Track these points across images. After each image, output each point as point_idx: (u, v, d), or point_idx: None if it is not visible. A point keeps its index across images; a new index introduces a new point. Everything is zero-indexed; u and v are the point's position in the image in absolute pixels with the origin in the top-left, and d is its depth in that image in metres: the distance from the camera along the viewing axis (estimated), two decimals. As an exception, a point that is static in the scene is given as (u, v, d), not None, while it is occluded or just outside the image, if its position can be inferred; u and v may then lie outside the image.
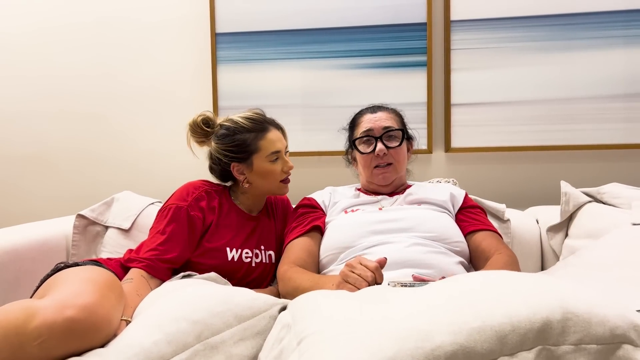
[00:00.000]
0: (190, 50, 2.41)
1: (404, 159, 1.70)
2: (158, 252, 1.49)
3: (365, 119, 1.69)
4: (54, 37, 2.48)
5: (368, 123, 1.66)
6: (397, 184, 1.70)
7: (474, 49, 2.23)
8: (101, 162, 2.48)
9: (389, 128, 1.64)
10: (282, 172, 1.65)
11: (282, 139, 1.67)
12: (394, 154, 1.64)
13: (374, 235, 1.48)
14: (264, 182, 1.66)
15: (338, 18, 2.29)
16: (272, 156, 1.62)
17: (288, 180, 1.70)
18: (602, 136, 2.17)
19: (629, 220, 1.57)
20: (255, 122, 1.64)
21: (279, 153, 1.64)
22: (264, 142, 1.62)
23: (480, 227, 1.57)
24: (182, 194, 1.61)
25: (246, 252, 1.63)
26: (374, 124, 1.65)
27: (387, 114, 1.69)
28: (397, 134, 1.65)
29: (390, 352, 0.70)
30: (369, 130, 1.65)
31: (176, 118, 2.42)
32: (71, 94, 2.48)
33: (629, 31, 2.14)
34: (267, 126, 1.65)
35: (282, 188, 1.69)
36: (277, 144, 1.64)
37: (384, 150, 1.61)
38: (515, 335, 0.72)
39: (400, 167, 1.67)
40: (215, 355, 1.05)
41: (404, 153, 1.69)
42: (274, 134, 1.65)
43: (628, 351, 0.72)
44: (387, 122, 1.66)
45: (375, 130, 1.64)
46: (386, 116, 1.68)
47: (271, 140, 1.63)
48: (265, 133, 1.63)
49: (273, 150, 1.62)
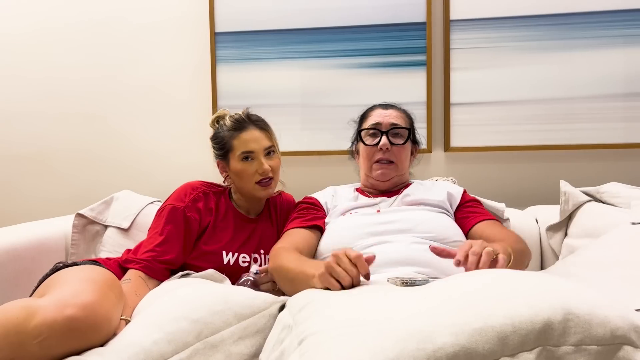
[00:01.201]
0: (189, 49, 2.40)
1: (406, 159, 1.70)
2: (156, 254, 1.49)
3: (375, 113, 1.71)
4: (53, 37, 2.47)
5: (377, 117, 1.68)
6: (395, 182, 1.69)
7: (473, 49, 2.23)
8: (100, 162, 2.48)
9: (397, 125, 1.66)
10: (256, 173, 1.60)
11: (259, 140, 1.61)
12: (396, 152, 1.64)
13: (372, 236, 1.47)
14: (241, 182, 1.63)
15: (337, 17, 2.29)
16: (242, 155, 1.60)
17: (266, 183, 1.62)
18: (601, 136, 2.17)
19: (628, 220, 1.57)
20: (235, 121, 1.63)
21: (251, 153, 1.60)
22: (237, 142, 1.60)
23: (479, 219, 1.57)
24: (180, 195, 1.61)
25: (243, 256, 1.62)
26: (383, 118, 1.66)
27: (398, 112, 1.71)
28: (403, 132, 1.66)
29: (392, 354, 0.70)
30: (377, 124, 1.66)
31: (175, 118, 2.41)
32: (70, 94, 2.48)
33: (628, 31, 2.14)
34: (245, 125, 1.62)
35: (258, 190, 1.63)
36: (251, 144, 1.60)
37: (387, 144, 1.62)
38: (517, 336, 0.72)
39: (401, 167, 1.67)
40: (215, 354, 1.05)
41: (407, 153, 1.69)
42: (250, 134, 1.61)
43: (628, 352, 0.72)
44: (396, 119, 1.67)
45: (383, 124, 1.65)
46: (396, 114, 1.69)
47: (244, 140, 1.60)
48: (240, 132, 1.61)
49: (244, 150, 1.59)
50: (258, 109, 1.76)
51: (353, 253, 1.11)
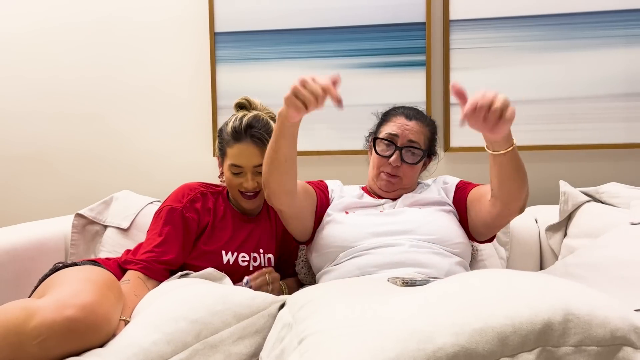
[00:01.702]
0: (189, 49, 2.40)
1: (414, 175, 1.64)
2: (155, 254, 1.48)
3: (397, 121, 1.61)
4: (52, 37, 2.47)
5: (397, 127, 1.59)
6: (399, 193, 1.65)
7: (473, 49, 2.22)
8: (100, 162, 2.48)
9: (414, 144, 1.58)
10: (241, 185, 1.58)
11: (250, 157, 1.56)
12: (405, 170, 1.59)
13: (374, 237, 1.47)
14: (229, 186, 1.63)
15: (337, 17, 2.29)
16: (232, 168, 1.58)
17: (249, 197, 1.60)
18: (601, 136, 2.17)
19: (628, 220, 1.58)
20: (234, 131, 1.57)
21: (239, 168, 1.57)
22: (230, 151, 1.57)
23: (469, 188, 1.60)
24: (178, 196, 1.60)
25: (243, 255, 1.61)
26: (403, 131, 1.58)
27: (420, 126, 1.61)
28: (418, 152, 1.59)
29: (392, 354, 0.70)
30: (394, 136, 1.58)
31: (175, 118, 2.41)
32: (69, 94, 2.48)
33: (629, 31, 2.13)
34: (241, 138, 1.56)
35: (241, 201, 1.61)
36: (240, 160, 1.56)
37: (398, 162, 1.56)
38: (517, 337, 0.72)
39: (407, 182, 1.62)
40: (215, 354, 1.05)
41: (417, 170, 1.64)
42: (243, 148, 1.56)
43: (628, 353, 0.73)
44: (415, 135, 1.58)
45: (400, 138, 1.57)
46: (417, 128, 1.59)
47: (235, 153, 1.56)
48: (235, 142, 1.56)
49: (232, 162, 1.57)
50: (257, 109, 1.75)
51: (323, 80, 1.18)
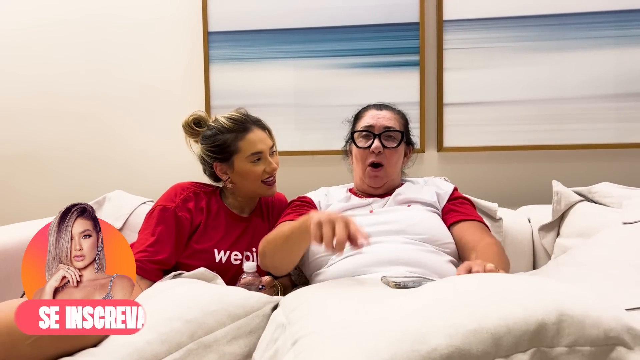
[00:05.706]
0: (182, 48, 2.39)
1: (398, 162, 1.68)
2: (148, 254, 1.48)
3: (369, 114, 1.68)
4: (44, 35, 2.46)
5: (371, 119, 1.65)
6: (389, 187, 1.68)
7: (466, 49, 2.23)
8: (93, 161, 2.47)
9: (390, 128, 1.63)
10: (264, 172, 1.61)
11: (264, 140, 1.63)
12: (388, 155, 1.63)
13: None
14: (246, 182, 1.63)
15: (330, 17, 2.29)
16: (252, 157, 1.60)
17: (271, 181, 1.66)
18: (593, 136, 2.19)
19: (620, 220, 1.58)
20: (236, 122, 1.61)
21: (260, 154, 1.60)
22: (244, 143, 1.59)
23: (462, 218, 1.55)
24: (170, 195, 1.61)
25: (235, 254, 1.61)
26: (377, 120, 1.64)
27: (392, 114, 1.68)
28: (396, 135, 1.64)
29: (386, 355, 0.70)
30: (370, 126, 1.63)
31: (168, 117, 2.40)
32: (62, 93, 2.46)
33: (620, 31, 2.15)
34: (248, 126, 1.61)
35: (265, 190, 1.65)
36: (259, 145, 1.60)
37: (379, 148, 1.60)
38: (511, 337, 0.72)
39: (391, 170, 1.65)
40: (209, 354, 1.05)
41: (399, 156, 1.67)
42: (256, 134, 1.61)
43: (621, 353, 0.73)
44: (389, 121, 1.64)
45: (376, 127, 1.63)
46: (390, 115, 1.66)
47: (251, 141, 1.60)
48: (246, 134, 1.60)
49: (253, 151, 1.59)
50: (251, 108, 1.75)
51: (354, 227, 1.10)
